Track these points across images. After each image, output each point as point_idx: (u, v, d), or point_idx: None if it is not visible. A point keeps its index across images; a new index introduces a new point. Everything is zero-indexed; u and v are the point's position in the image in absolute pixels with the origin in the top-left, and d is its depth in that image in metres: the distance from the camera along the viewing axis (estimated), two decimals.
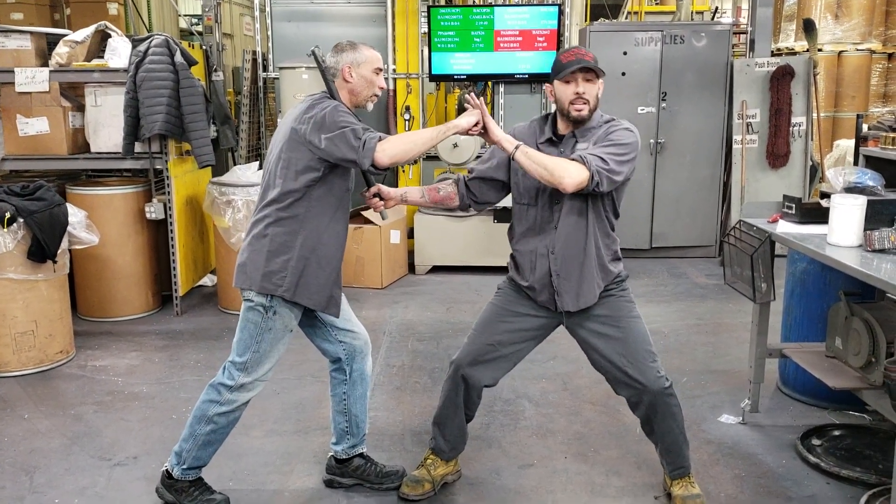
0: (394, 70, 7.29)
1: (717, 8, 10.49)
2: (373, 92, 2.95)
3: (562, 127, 2.88)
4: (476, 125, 2.81)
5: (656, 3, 14.64)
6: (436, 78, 7.27)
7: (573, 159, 2.71)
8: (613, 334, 2.91)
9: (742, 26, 8.23)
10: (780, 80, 6.88)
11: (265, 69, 7.71)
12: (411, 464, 3.39)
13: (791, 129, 6.96)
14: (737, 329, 5.22)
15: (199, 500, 3.04)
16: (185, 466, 3.03)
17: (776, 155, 6.98)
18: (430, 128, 2.87)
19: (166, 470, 3.08)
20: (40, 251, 4.36)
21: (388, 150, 2.72)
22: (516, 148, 2.73)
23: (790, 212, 3.53)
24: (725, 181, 7.23)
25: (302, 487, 3.25)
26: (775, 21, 9.07)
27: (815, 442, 3.55)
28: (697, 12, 10.62)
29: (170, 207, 5.44)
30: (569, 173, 2.65)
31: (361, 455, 3.28)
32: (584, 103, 2.77)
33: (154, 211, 5.42)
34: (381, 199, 2.98)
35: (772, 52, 8.38)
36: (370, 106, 3.00)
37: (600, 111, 2.87)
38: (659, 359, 2.95)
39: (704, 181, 7.20)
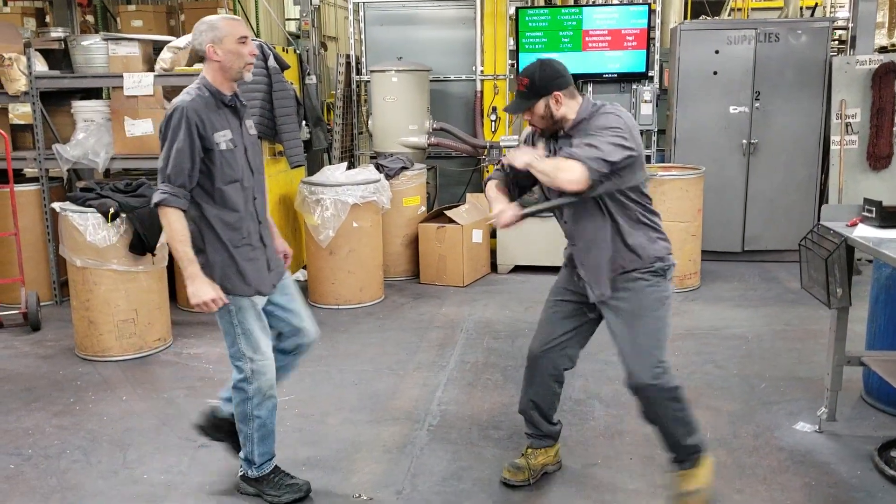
0: (481, 71, 7.38)
1: (816, 4, 10.05)
2: (244, 62, 2.92)
3: None
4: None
5: None
6: None
7: (565, 157, 2.75)
8: (621, 333, 2.94)
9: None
10: (883, 77, 6.57)
11: (358, 72, 7.94)
12: (475, 457, 3.48)
13: (895, 129, 6.64)
14: (826, 336, 5.02)
15: (280, 484, 3.20)
16: (257, 465, 3.18)
17: (878, 156, 6.67)
18: (186, 249, 2.88)
19: (243, 475, 3.22)
20: (140, 244, 4.69)
21: (168, 215, 2.86)
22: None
23: (870, 215, 3.41)
24: (823, 183, 6.97)
25: (371, 472, 3.39)
26: (892, 14, 8.63)
27: (895, 454, 3.42)
28: (808, 7, 10.19)
29: None
30: (564, 171, 2.70)
31: None
32: (537, 126, 2.96)
33: None
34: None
35: (885, 47, 7.99)
36: (248, 76, 2.99)
37: (584, 104, 2.90)
38: (664, 363, 2.91)
39: (800, 183, 6.95)
